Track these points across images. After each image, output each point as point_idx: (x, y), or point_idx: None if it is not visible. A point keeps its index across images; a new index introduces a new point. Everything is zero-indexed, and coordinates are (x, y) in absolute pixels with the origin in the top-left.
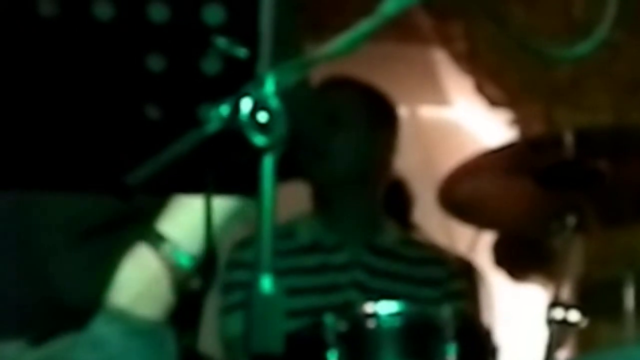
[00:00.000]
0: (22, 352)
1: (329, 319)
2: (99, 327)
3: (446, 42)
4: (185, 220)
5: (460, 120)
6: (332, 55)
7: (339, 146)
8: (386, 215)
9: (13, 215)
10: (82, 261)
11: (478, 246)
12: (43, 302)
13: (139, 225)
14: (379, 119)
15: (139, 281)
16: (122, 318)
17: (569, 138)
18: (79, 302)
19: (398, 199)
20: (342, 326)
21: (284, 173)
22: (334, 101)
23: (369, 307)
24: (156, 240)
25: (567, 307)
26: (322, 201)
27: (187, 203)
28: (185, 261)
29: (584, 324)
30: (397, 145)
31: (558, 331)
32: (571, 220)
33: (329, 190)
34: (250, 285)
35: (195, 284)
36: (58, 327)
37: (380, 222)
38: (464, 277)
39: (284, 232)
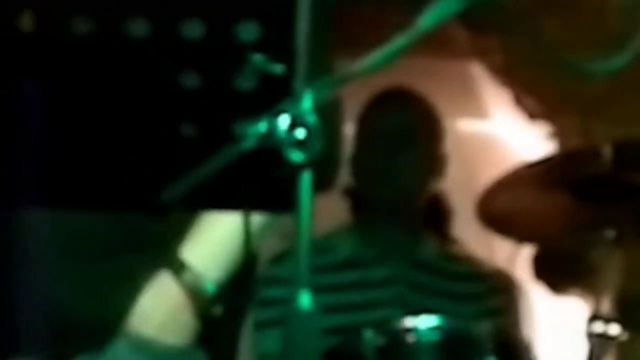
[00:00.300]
0: None
1: (367, 334)
2: (125, 356)
3: (483, 55)
4: (207, 246)
5: (498, 133)
6: (367, 70)
7: (405, 165)
8: (425, 228)
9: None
10: (87, 281)
11: (517, 259)
12: (47, 322)
13: (156, 250)
14: (436, 133)
15: (163, 310)
16: (148, 346)
17: (606, 151)
18: (86, 321)
19: (437, 212)
20: (381, 341)
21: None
22: (398, 116)
23: (408, 322)
24: (178, 267)
25: (607, 321)
26: (362, 214)
27: (210, 227)
28: (208, 288)
29: (624, 337)
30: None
31: (598, 345)
32: (610, 233)
33: (369, 203)
34: (287, 302)
35: (218, 310)
36: (70, 346)
37: (421, 235)
38: (503, 292)
39: (322, 246)
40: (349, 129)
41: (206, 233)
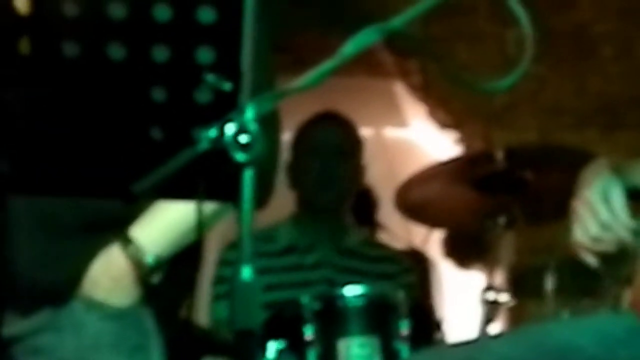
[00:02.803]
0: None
1: (305, 300)
2: (79, 314)
3: (405, 75)
4: (154, 226)
5: (416, 139)
6: (301, 88)
7: (340, 174)
8: (355, 217)
9: None
10: (52, 251)
11: (430, 240)
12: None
13: (115, 230)
14: (360, 149)
15: (108, 276)
16: (98, 307)
17: (501, 153)
18: (49, 286)
19: (366, 203)
20: (316, 305)
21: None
22: (338, 135)
23: (339, 290)
24: (125, 241)
25: (498, 291)
26: (300, 210)
27: (160, 213)
28: (149, 259)
29: (513, 304)
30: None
31: (490, 310)
32: (502, 219)
33: (308, 203)
34: (233, 275)
35: (157, 279)
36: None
37: (348, 227)
38: (415, 270)
39: (266, 236)
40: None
41: (156, 216)
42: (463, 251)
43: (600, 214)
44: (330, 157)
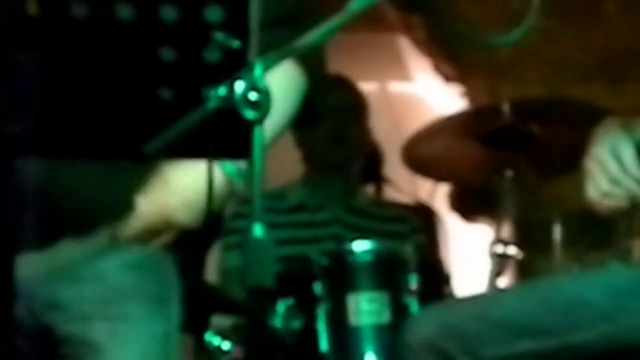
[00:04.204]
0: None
1: (314, 256)
2: (99, 264)
3: (409, 30)
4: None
5: (421, 93)
6: (310, 44)
7: (355, 132)
8: (362, 173)
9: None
10: (96, 175)
11: (437, 195)
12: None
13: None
14: (367, 112)
15: (142, 220)
16: (122, 252)
17: (507, 107)
18: (84, 210)
19: (373, 159)
20: (325, 261)
21: None
22: (350, 96)
23: (347, 245)
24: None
25: (506, 244)
26: (311, 170)
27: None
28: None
29: (521, 256)
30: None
31: (499, 263)
32: (509, 173)
33: (319, 162)
34: (246, 231)
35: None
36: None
37: (357, 187)
38: (423, 229)
39: (278, 194)
40: None
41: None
42: (470, 205)
43: (611, 170)
44: (342, 118)
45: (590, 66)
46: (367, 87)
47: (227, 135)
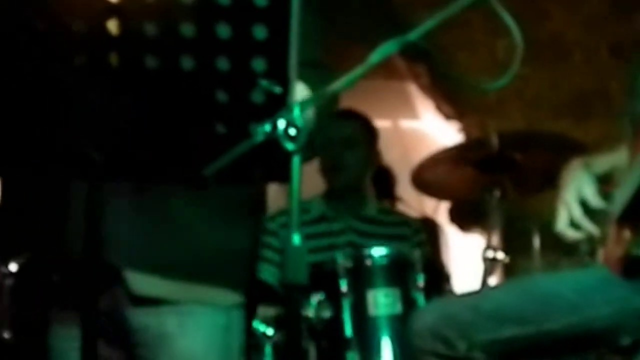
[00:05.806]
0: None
1: (339, 258)
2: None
3: (416, 77)
4: None
5: (426, 129)
6: (336, 90)
7: (350, 161)
8: (377, 192)
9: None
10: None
11: (439, 210)
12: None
13: None
14: (372, 140)
15: None
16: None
17: (495, 139)
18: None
19: (386, 180)
20: (348, 263)
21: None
22: (346, 129)
23: (367, 250)
24: None
25: (495, 249)
26: (328, 187)
27: None
28: None
29: (507, 260)
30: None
31: (489, 265)
32: (496, 192)
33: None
34: (285, 240)
35: None
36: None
37: (366, 199)
38: (425, 232)
39: (303, 208)
40: None
41: None
42: (465, 218)
43: (574, 215)
44: (337, 149)
45: (561, 105)
46: (381, 124)
47: (270, 163)
